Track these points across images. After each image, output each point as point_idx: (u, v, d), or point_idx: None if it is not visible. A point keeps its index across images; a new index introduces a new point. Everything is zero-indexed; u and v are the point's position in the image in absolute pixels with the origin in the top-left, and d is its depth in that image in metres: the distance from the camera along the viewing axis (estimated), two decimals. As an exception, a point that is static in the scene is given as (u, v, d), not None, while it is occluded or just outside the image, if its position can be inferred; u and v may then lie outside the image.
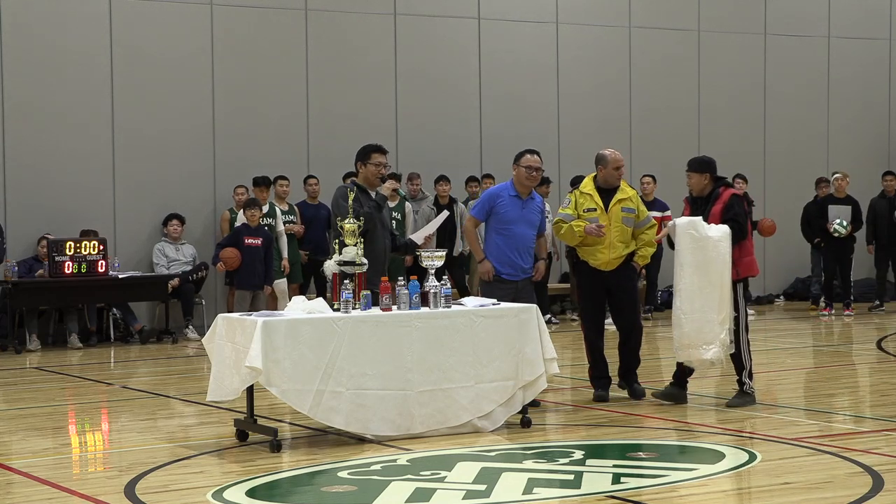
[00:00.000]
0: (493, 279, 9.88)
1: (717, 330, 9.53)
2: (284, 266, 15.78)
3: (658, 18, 19.80)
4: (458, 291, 15.59)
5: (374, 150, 9.56)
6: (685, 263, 9.59)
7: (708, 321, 9.53)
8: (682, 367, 9.93)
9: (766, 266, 20.26)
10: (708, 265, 9.53)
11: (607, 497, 6.87)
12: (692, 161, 10.01)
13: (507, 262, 9.88)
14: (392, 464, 7.81)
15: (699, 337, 9.55)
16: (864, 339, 15.42)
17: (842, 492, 6.87)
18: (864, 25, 21.26)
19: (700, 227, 9.57)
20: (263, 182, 15.98)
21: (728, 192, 9.81)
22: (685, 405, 9.92)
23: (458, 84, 18.41)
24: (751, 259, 9.88)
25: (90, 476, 8.04)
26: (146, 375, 13.27)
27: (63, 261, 14.93)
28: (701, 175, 9.88)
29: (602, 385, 10.28)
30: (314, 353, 8.28)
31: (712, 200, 9.81)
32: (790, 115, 20.68)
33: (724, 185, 9.91)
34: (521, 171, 9.96)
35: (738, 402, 9.81)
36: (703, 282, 9.53)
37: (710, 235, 9.53)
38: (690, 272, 9.56)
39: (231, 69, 17.03)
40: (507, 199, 9.94)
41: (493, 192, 10.13)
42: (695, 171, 9.90)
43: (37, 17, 16.08)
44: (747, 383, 9.85)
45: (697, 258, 9.55)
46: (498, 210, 9.92)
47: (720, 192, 9.82)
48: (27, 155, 15.85)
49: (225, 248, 15.15)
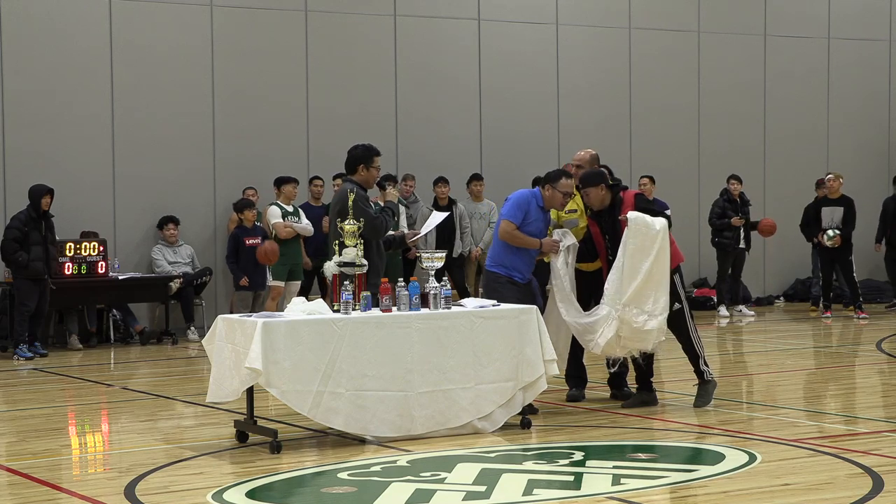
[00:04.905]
0: (507, 280, 9.73)
1: (652, 322, 9.46)
2: (307, 263, 15.81)
3: (658, 18, 19.79)
4: (457, 293, 15.58)
5: (375, 154, 9.59)
6: (636, 257, 9.49)
7: (644, 312, 9.46)
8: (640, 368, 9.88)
9: (766, 267, 20.29)
10: (656, 257, 9.46)
11: (607, 498, 6.87)
12: (584, 177, 9.81)
13: (519, 268, 9.73)
14: (392, 465, 7.82)
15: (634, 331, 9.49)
16: (865, 339, 15.43)
17: (842, 493, 6.87)
18: (864, 25, 21.25)
19: (648, 220, 9.52)
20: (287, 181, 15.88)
21: (631, 194, 9.82)
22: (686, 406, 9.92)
23: (458, 84, 18.41)
24: (675, 247, 9.82)
25: (90, 477, 8.04)
26: (146, 377, 13.28)
27: (63, 262, 14.94)
28: (597, 188, 9.78)
29: (576, 384, 10.26)
30: (314, 354, 8.28)
31: (618, 207, 9.78)
32: (790, 115, 20.67)
33: (622, 189, 9.89)
34: (557, 196, 9.69)
35: (702, 399, 9.79)
36: (643, 275, 9.45)
37: (658, 228, 9.50)
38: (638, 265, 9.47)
39: (231, 69, 17.02)
40: (535, 210, 9.73)
41: (526, 199, 9.78)
42: (590, 185, 9.76)
43: (37, 17, 16.07)
44: (706, 370, 9.84)
45: (647, 251, 9.48)
46: (528, 219, 9.69)
47: (622, 197, 9.80)
48: (27, 155, 15.84)
49: (266, 242, 15.18)
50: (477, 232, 17.11)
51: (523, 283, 9.74)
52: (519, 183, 17.56)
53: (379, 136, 16.27)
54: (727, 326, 17.02)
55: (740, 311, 18.26)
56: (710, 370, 9.91)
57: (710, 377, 9.89)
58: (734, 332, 16.40)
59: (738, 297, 18.40)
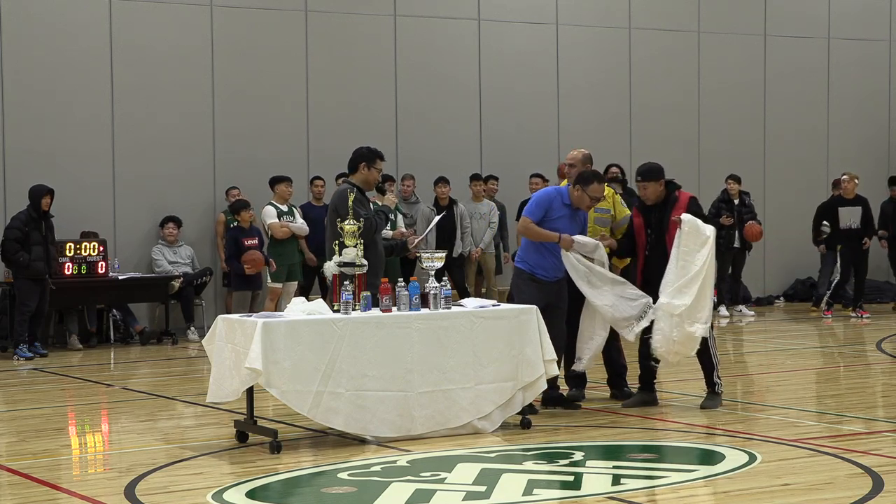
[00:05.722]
0: (529, 278, 9.72)
1: (700, 329, 9.48)
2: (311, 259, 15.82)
3: (658, 18, 19.79)
4: (457, 293, 15.58)
5: (379, 157, 9.67)
6: (685, 258, 9.51)
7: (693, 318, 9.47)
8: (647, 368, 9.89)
9: (766, 267, 20.28)
10: (704, 262, 9.48)
11: (607, 498, 6.87)
12: (644, 171, 9.82)
13: (543, 265, 9.70)
14: (392, 465, 7.82)
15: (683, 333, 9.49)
16: (865, 340, 15.43)
17: (842, 493, 6.87)
18: (864, 26, 21.26)
19: (700, 224, 9.54)
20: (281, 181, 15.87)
21: (686, 195, 9.82)
22: (686, 406, 9.92)
23: (459, 84, 18.41)
24: None
25: (90, 477, 8.04)
26: (146, 377, 13.28)
27: (63, 262, 14.95)
28: (657, 182, 9.80)
29: (576, 384, 10.26)
30: (314, 354, 8.28)
31: (669, 206, 9.77)
32: (790, 116, 20.67)
33: (677, 188, 9.90)
34: (585, 199, 9.65)
35: (710, 403, 9.80)
36: (694, 279, 9.47)
37: (707, 234, 9.52)
38: (687, 268, 9.50)
39: (231, 69, 17.02)
40: (561, 207, 9.68)
41: (548, 197, 9.77)
42: (650, 180, 9.78)
43: (37, 17, 16.07)
44: (718, 383, 9.86)
45: (695, 255, 9.50)
46: (551, 216, 9.65)
47: (678, 196, 9.80)
48: (27, 155, 15.84)
49: (249, 251, 15.21)
50: (477, 232, 17.10)
51: (548, 280, 9.70)
52: (519, 183, 17.65)
53: (379, 136, 16.28)
54: (727, 326, 17.01)
55: (740, 311, 18.26)
56: (721, 384, 9.91)
57: (720, 391, 9.90)
58: (734, 332, 16.40)
59: (738, 297, 18.40)
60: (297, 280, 15.70)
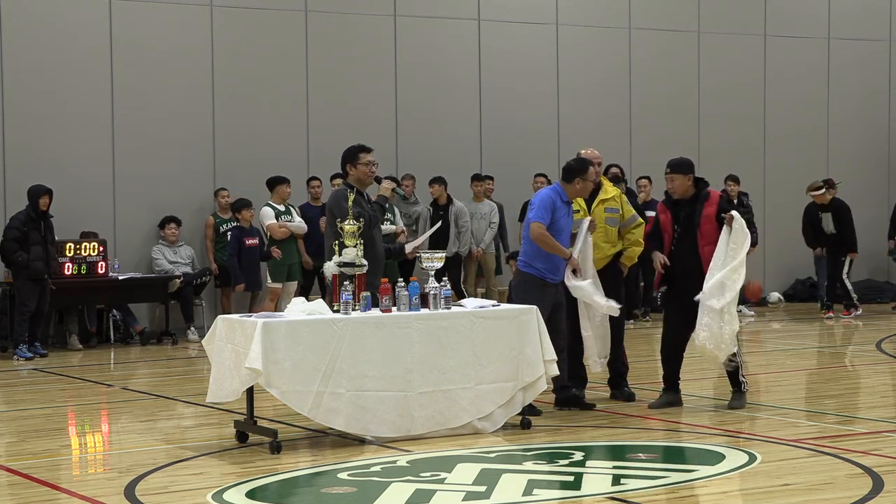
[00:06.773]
0: (541, 282, 9.73)
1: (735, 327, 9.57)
2: (307, 262, 15.82)
3: (658, 19, 19.79)
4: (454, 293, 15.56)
5: (360, 151, 9.60)
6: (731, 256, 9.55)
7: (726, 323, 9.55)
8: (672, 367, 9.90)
9: (766, 267, 20.27)
10: (740, 263, 9.54)
11: (607, 498, 6.87)
12: (675, 164, 9.84)
13: (551, 269, 9.68)
14: (392, 465, 7.82)
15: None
16: (865, 340, 15.42)
17: (842, 493, 6.88)
18: (864, 25, 21.25)
19: (745, 225, 9.59)
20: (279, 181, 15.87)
21: (717, 194, 9.83)
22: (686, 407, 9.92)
23: (459, 85, 18.41)
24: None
25: (90, 477, 8.04)
26: (146, 377, 13.28)
27: (63, 262, 14.95)
28: (685, 177, 9.81)
29: (576, 384, 10.24)
30: (314, 354, 8.28)
31: (700, 201, 9.76)
32: (790, 115, 20.66)
33: (706, 185, 9.90)
34: (589, 184, 9.73)
35: (738, 403, 9.82)
36: (737, 276, 9.54)
37: (748, 233, 9.57)
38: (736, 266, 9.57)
39: (231, 69, 17.02)
40: (561, 206, 9.68)
41: (550, 198, 9.70)
42: (679, 172, 9.79)
43: (37, 17, 16.07)
44: (744, 382, 9.87)
45: (741, 252, 9.54)
46: (555, 216, 9.64)
47: (709, 193, 9.79)
48: (27, 155, 15.84)
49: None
50: (477, 232, 17.10)
51: (556, 282, 9.70)
52: (519, 182, 17.66)
53: (379, 136, 16.28)
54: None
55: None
56: (747, 382, 9.94)
57: (746, 389, 9.92)
58: (734, 332, 16.37)
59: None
60: (296, 280, 15.71)
